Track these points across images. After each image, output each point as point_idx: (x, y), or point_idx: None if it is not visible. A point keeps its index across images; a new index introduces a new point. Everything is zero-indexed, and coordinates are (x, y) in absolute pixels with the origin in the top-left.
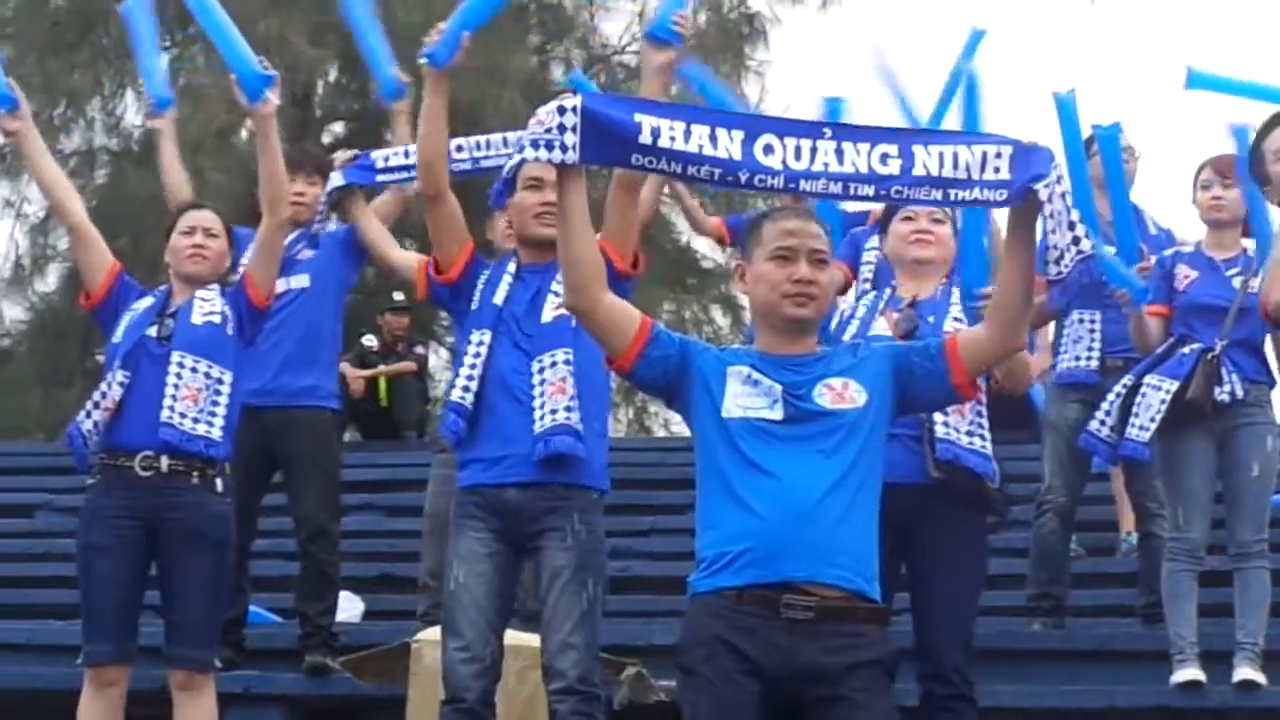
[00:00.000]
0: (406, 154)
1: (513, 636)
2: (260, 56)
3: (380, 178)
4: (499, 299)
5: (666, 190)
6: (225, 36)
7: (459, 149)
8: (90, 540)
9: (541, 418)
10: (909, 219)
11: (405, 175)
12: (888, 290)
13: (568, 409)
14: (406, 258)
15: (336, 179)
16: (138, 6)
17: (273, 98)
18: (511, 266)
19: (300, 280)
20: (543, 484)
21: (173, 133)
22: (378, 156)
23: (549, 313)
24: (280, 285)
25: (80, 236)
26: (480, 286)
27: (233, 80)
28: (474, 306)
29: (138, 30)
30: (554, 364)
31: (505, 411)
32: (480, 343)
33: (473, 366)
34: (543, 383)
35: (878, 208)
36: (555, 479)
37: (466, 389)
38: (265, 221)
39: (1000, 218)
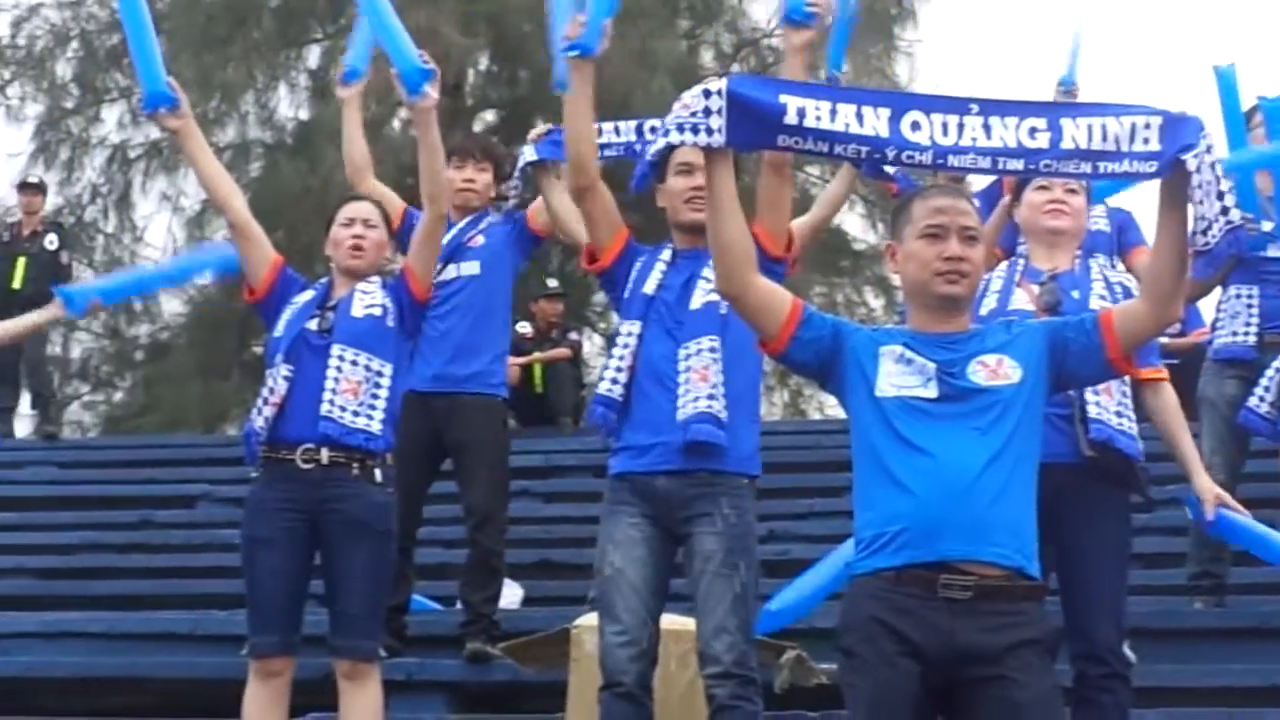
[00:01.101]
0: (600, 131)
1: (672, 621)
2: (420, 50)
3: None
4: (649, 288)
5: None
6: (388, 30)
7: (616, 133)
8: (254, 533)
9: (684, 405)
10: (1043, 189)
11: (599, 154)
12: (1021, 261)
13: (710, 396)
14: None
15: (529, 153)
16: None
17: (432, 92)
18: (666, 254)
19: (471, 267)
20: (690, 472)
21: (358, 103)
22: None
23: (698, 299)
24: (450, 272)
25: (242, 233)
26: (633, 275)
27: (393, 74)
28: (626, 295)
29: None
30: (699, 351)
31: (656, 399)
32: (630, 333)
33: (621, 358)
34: (687, 370)
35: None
36: (702, 466)
37: (615, 380)
38: (425, 215)
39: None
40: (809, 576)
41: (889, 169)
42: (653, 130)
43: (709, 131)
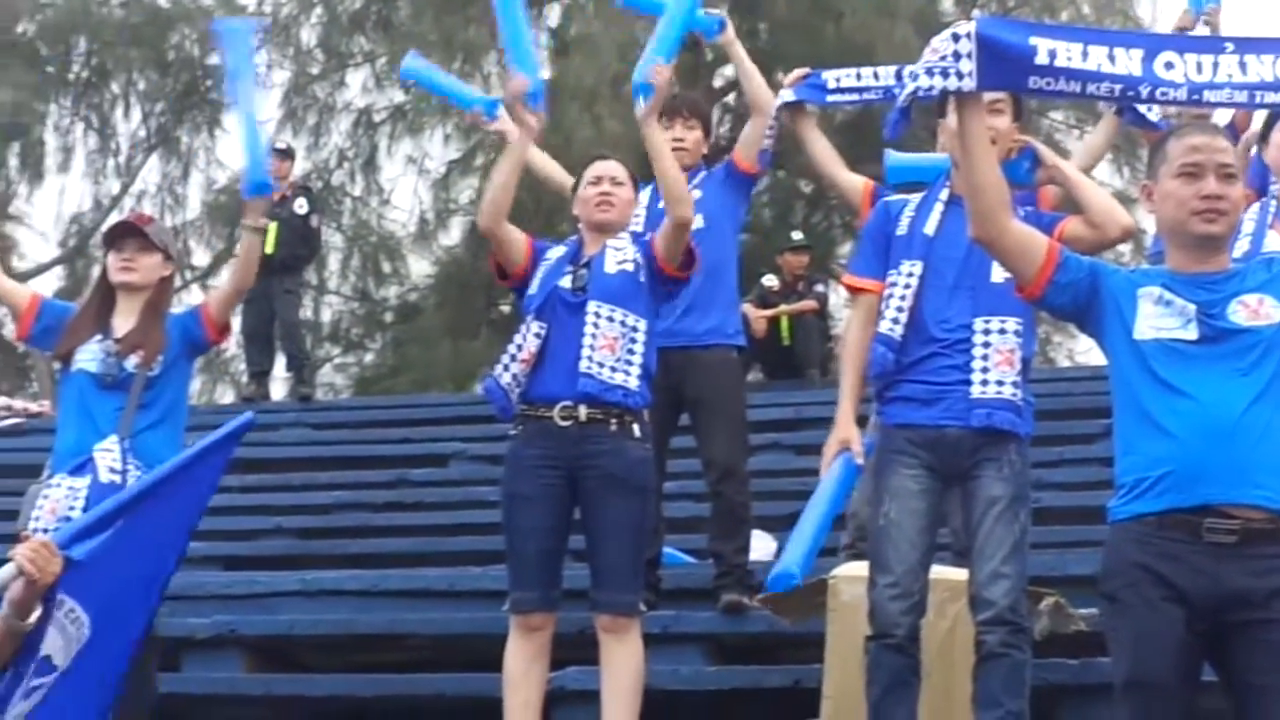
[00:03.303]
0: (859, 75)
1: (933, 570)
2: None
3: (831, 98)
4: (929, 228)
5: None
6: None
7: (837, 82)
8: (514, 490)
9: (984, 383)
10: None
11: (856, 98)
12: (1274, 203)
13: (1015, 384)
14: (852, 179)
15: (786, 94)
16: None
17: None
18: (943, 194)
19: (694, 222)
20: (979, 430)
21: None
22: (829, 77)
23: (999, 272)
24: None
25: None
26: (910, 215)
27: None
28: (900, 233)
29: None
30: (1003, 331)
31: (939, 353)
32: (910, 274)
33: (902, 298)
34: (987, 344)
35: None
36: (993, 429)
37: (896, 320)
38: (667, 220)
39: None
40: (804, 528)
41: (1152, 117)
42: (913, 75)
43: (959, 75)
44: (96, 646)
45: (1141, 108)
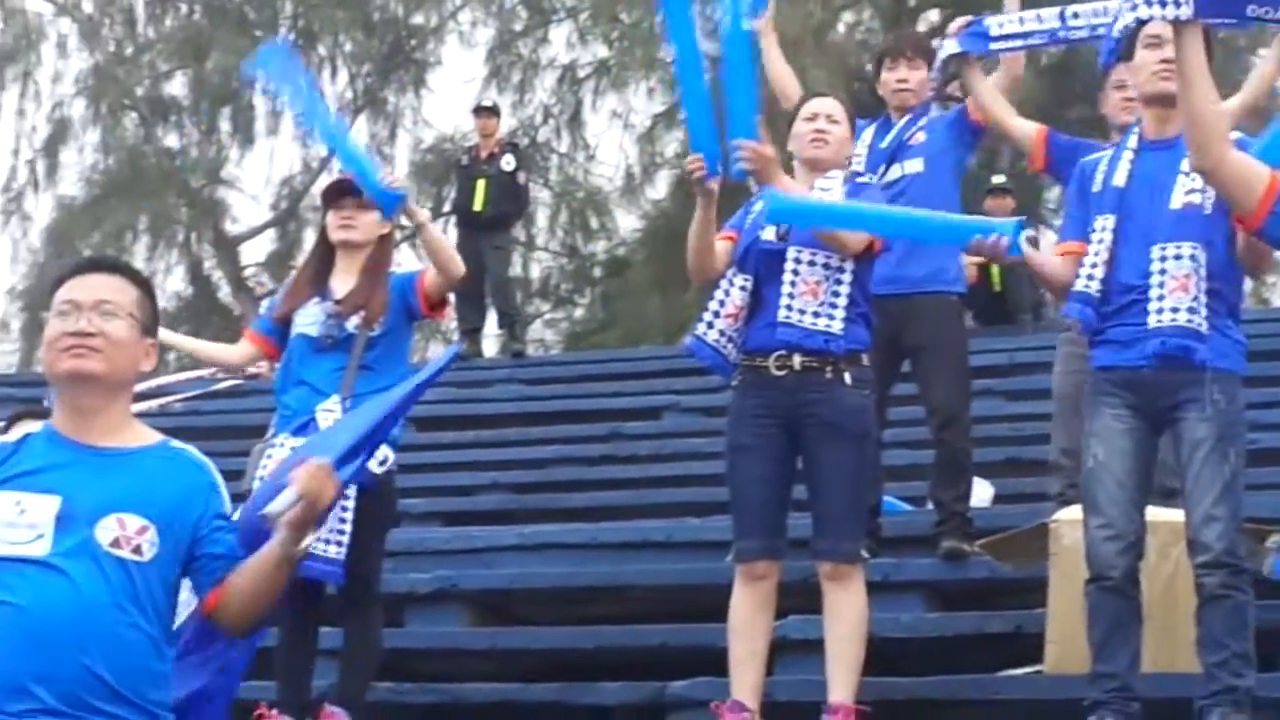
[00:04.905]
0: (1022, 20)
1: (1153, 513)
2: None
3: (994, 45)
4: (1119, 179)
5: None
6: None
7: (1000, 28)
8: (736, 440)
9: (1159, 311)
10: None
11: (1021, 44)
12: None
13: (1190, 309)
14: (1025, 127)
15: (951, 46)
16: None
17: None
18: (1132, 141)
19: (914, 165)
20: (1177, 366)
21: (773, 35)
22: (992, 23)
23: (1178, 198)
24: (895, 172)
25: None
26: (1103, 170)
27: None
28: (1095, 190)
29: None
30: (1178, 257)
31: (1137, 299)
32: (1104, 228)
33: (1096, 254)
34: (1163, 273)
35: None
36: (1172, 358)
37: (1090, 277)
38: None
39: None
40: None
41: None
42: (1075, 15)
43: (1176, 4)
44: None
45: None
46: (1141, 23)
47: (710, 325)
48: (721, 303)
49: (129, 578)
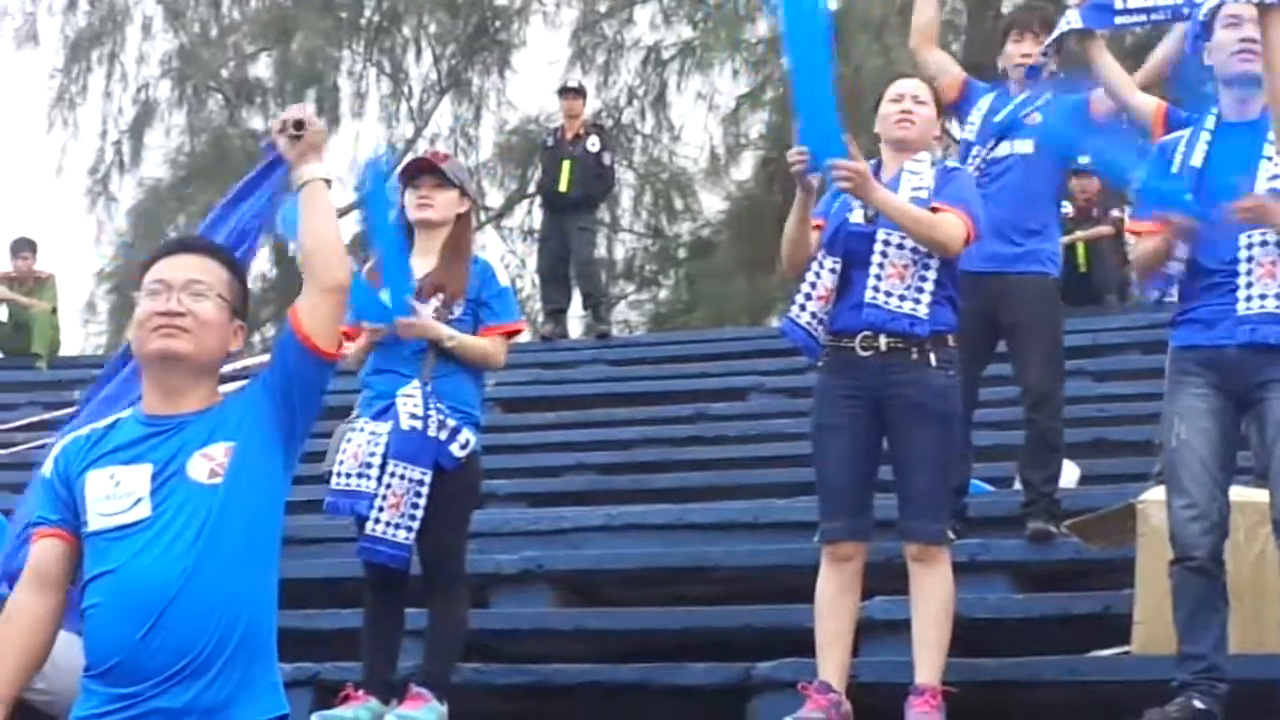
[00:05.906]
0: None
1: (1241, 493)
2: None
3: (1119, 19)
4: (1196, 159)
5: None
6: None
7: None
8: (822, 420)
9: (1248, 299)
10: None
11: (1145, 19)
12: None
13: (1278, 295)
14: (1146, 102)
15: (1073, 19)
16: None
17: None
18: (1209, 121)
19: (1024, 145)
20: (1262, 348)
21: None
22: None
23: (1262, 182)
24: (1004, 149)
25: None
26: (1181, 151)
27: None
28: (1174, 171)
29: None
30: (1264, 243)
31: (1219, 282)
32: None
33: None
34: (1250, 259)
35: None
36: (1263, 345)
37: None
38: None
39: None
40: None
41: None
42: None
43: None
44: None
45: None
46: (1223, 3)
47: (803, 308)
48: (813, 285)
49: (226, 507)
